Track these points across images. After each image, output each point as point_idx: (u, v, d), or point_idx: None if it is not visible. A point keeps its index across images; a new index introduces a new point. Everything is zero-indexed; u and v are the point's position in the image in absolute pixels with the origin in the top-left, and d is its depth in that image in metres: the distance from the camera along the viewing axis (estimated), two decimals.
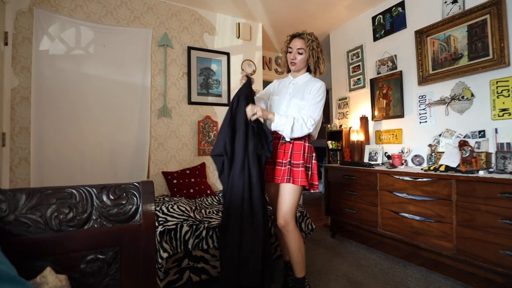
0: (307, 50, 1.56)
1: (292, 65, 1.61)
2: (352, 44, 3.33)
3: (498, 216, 1.59)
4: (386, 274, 1.96)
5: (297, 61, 1.59)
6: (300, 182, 1.49)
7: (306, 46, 1.56)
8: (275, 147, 1.60)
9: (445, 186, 1.87)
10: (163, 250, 1.53)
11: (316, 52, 1.57)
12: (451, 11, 2.29)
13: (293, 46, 1.58)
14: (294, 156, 1.54)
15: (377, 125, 3.00)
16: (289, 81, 1.70)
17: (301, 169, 1.51)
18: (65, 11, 2.40)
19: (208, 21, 3.09)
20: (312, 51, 1.57)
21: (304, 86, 1.60)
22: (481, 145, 2.06)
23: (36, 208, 0.75)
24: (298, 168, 1.51)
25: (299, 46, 1.57)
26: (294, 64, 1.60)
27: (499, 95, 1.99)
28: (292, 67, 1.62)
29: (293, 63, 1.60)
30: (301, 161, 1.52)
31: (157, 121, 2.78)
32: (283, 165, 1.54)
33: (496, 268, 1.60)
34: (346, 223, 2.65)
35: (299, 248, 1.53)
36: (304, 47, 1.56)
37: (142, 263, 0.84)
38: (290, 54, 1.60)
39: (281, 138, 1.59)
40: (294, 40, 1.58)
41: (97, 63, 2.49)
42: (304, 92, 1.57)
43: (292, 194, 1.51)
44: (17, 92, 2.20)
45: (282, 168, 1.53)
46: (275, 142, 1.60)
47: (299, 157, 1.53)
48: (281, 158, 1.56)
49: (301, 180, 1.49)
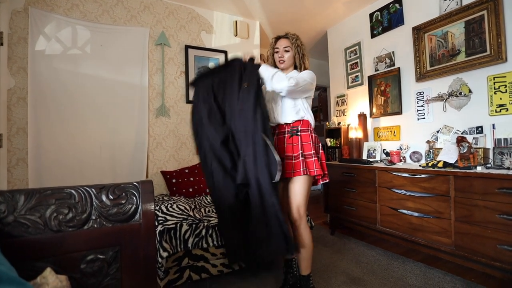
0: (292, 47, 1.65)
1: (280, 63, 1.67)
2: (349, 41, 3.32)
3: (496, 211, 1.60)
4: (386, 270, 1.97)
5: (285, 58, 1.65)
6: (316, 171, 1.50)
7: (292, 44, 1.65)
8: (281, 142, 1.61)
9: (443, 182, 1.88)
10: (163, 250, 1.53)
11: (301, 49, 1.67)
12: (449, 7, 2.29)
13: (279, 45, 1.66)
14: (305, 147, 1.55)
15: (375, 122, 3.00)
16: None
17: (314, 158, 1.53)
18: (61, 10, 2.38)
19: (205, 19, 3.07)
20: (297, 48, 1.65)
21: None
22: (479, 141, 2.07)
23: (35, 209, 0.75)
24: (311, 158, 1.53)
25: (285, 45, 1.65)
26: (283, 62, 1.66)
27: (497, 91, 2.00)
28: (280, 66, 1.67)
29: (281, 61, 1.66)
30: (313, 151, 1.54)
31: (156, 121, 2.77)
32: (293, 158, 1.54)
33: (494, 263, 1.61)
34: (345, 220, 2.66)
35: (310, 244, 1.55)
36: (289, 45, 1.65)
37: (142, 262, 0.84)
38: (277, 54, 1.67)
39: (287, 132, 1.60)
40: (280, 41, 1.68)
41: (94, 63, 2.47)
42: None
43: (305, 187, 1.53)
44: (13, 92, 2.19)
45: (294, 161, 1.53)
46: (281, 137, 1.62)
47: (309, 148, 1.55)
48: (290, 151, 1.56)
49: (317, 169, 1.51)
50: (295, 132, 1.58)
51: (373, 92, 3.00)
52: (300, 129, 1.59)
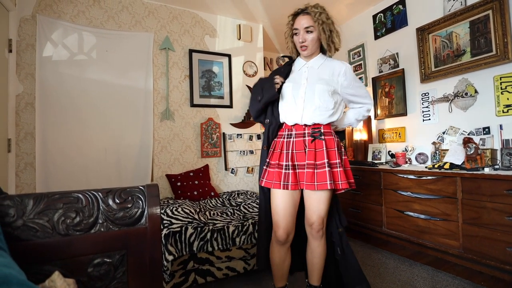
0: (316, 26, 1.30)
1: (303, 50, 1.35)
2: (353, 43, 3.32)
3: (505, 213, 1.58)
4: (393, 273, 1.95)
5: (307, 43, 1.32)
6: (341, 185, 1.28)
7: (315, 22, 1.29)
8: (299, 146, 1.34)
9: (450, 184, 1.85)
10: (168, 253, 1.54)
11: (327, 25, 1.31)
12: (453, 7, 2.28)
13: (299, 26, 1.31)
14: (330, 154, 1.32)
15: (380, 124, 2.99)
16: (300, 66, 1.44)
17: (339, 169, 1.30)
18: (68, 17, 2.43)
19: (208, 23, 3.10)
20: (322, 26, 1.29)
21: (323, 69, 1.40)
22: (486, 142, 2.04)
23: (44, 213, 0.76)
24: (337, 168, 1.30)
25: (307, 24, 1.30)
26: (306, 48, 1.34)
27: (503, 91, 1.97)
28: (304, 52, 1.37)
29: (304, 47, 1.34)
30: (338, 160, 1.31)
31: (160, 124, 2.79)
32: (316, 167, 1.29)
33: (504, 266, 1.58)
34: (351, 222, 2.64)
35: (324, 255, 1.41)
36: (312, 24, 1.30)
37: (149, 266, 0.85)
38: (297, 37, 1.34)
39: (307, 134, 1.34)
40: (299, 19, 1.32)
41: (100, 68, 2.51)
42: (326, 75, 1.38)
43: (329, 196, 1.34)
44: (21, 98, 2.23)
45: (316, 171, 1.28)
46: (298, 140, 1.35)
47: (334, 156, 1.32)
48: (312, 159, 1.29)
49: (342, 182, 1.28)
50: (318, 135, 1.33)
51: (377, 94, 2.98)
52: (324, 131, 1.34)
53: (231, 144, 3.13)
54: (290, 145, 1.36)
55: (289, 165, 1.32)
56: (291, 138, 1.37)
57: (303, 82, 1.38)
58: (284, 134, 1.40)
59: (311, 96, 1.34)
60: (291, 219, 1.35)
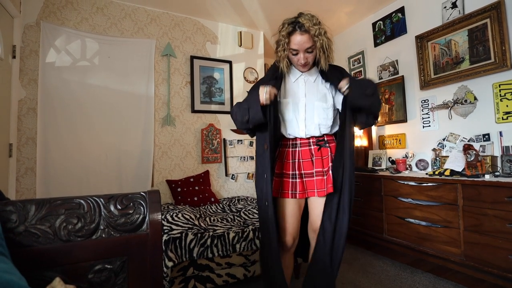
0: (315, 43, 1.22)
1: (304, 67, 1.30)
2: (353, 50, 3.35)
3: (506, 220, 1.57)
4: (394, 281, 1.93)
5: (310, 60, 1.27)
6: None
7: (315, 41, 1.20)
8: (306, 155, 1.35)
9: (450, 190, 1.85)
10: (168, 259, 1.53)
11: (326, 39, 1.22)
12: (451, 16, 2.31)
13: (299, 47, 1.22)
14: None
15: (380, 130, 3.00)
16: (295, 77, 1.37)
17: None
18: (71, 24, 2.46)
19: (210, 30, 3.14)
20: (322, 42, 1.21)
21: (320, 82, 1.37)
22: (486, 149, 2.04)
23: (46, 219, 0.76)
24: None
25: (308, 45, 1.21)
26: (307, 65, 1.29)
27: (503, 98, 1.99)
28: (303, 69, 1.33)
29: (306, 65, 1.29)
30: None
31: (161, 130, 2.80)
32: (324, 174, 1.31)
33: (506, 274, 1.57)
34: (351, 229, 2.63)
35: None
36: (313, 43, 1.21)
37: (149, 272, 0.84)
38: (295, 56, 1.27)
39: (312, 143, 1.35)
40: (296, 38, 1.21)
41: (102, 74, 2.53)
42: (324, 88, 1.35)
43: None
44: (24, 103, 2.24)
45: (325, 177, 1.30)
46: (304, 150, 1.36)
47: None
48: (319, 166, 1.32)
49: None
50: (323, 143, 1.35)
51: None
52: (327, 139, 1.38)
53: (232, 150, 3.14)
54: (296, 154, 1.37)
55: (296, 174, 1.35)
56: (297, 147, 1.38)
57: (301, 97, 1.35)
58: (289, 144, 1.40)
59: (311, 114, 1.34)
60: (297, 224, 1.39)
